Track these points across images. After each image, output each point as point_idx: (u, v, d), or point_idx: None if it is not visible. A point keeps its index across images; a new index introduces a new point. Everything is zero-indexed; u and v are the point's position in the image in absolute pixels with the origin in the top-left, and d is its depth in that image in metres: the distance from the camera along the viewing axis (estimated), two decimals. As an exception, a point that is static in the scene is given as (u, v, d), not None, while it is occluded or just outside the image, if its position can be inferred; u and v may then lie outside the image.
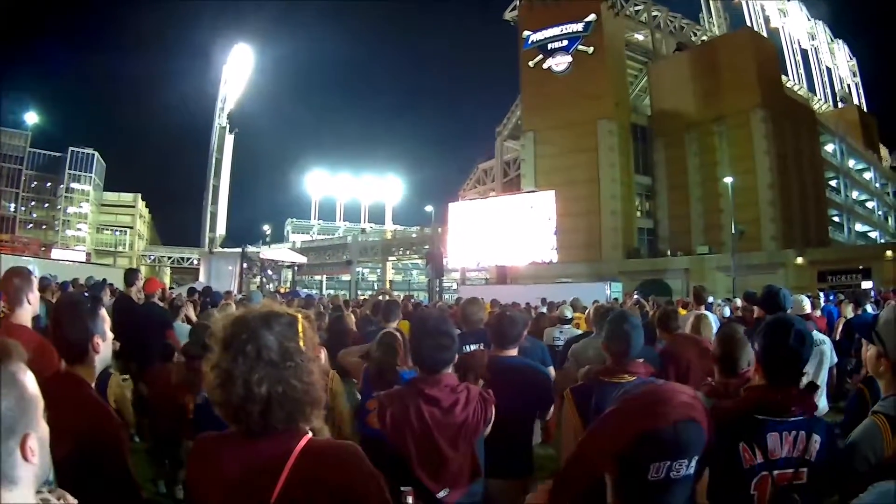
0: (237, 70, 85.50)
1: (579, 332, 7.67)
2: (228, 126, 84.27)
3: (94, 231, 77.65)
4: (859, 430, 2.26)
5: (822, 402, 5.22)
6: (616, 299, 22.45)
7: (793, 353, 2.24)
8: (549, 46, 46.97)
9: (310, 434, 1.69)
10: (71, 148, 76.23)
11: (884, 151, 72.43)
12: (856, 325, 3.27)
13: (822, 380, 5.32)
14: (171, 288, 15.39)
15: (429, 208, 48.92)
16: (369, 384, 3.98)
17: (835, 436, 2.30)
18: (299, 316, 1.76)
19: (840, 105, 78.69)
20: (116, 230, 79.24)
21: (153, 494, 5.59)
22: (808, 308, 5.91)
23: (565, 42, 46.40)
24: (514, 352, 3.95)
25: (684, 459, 1.39)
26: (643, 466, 1.37)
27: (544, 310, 13.28)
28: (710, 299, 18.47)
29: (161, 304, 8.37)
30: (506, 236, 34.49)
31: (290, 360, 1.64)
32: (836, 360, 5.69)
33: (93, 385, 2.41)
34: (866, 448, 2.15)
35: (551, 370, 5.21)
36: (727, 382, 2.96)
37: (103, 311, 2.47)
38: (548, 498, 1.70)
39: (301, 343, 1.70)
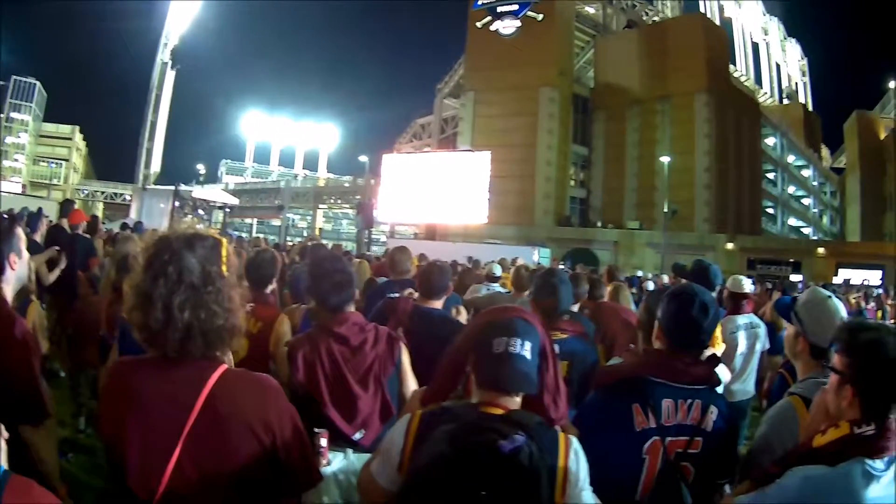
0: (184, 6, 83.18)
1: (505, 290, 7.53)
2: (171, 62, 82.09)
3: (30, 163, 75.47)
4: (775, 410, 2.28)
5: (749, 385, 5.36)
6: (539, 264, 22.14)
7: (695, 322, 2.22)
8: (499, 9, 46.38)
9: (226, 363, 1.69)
10: (13, 77, 73.67)
11: (825, 152, 74.07)
12: (776, 306, 3.49)
13: (753, 364, 5.38)
14: (102, 222, 14.38)
15: (363, 158, 48.12)
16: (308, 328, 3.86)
17: (733, 411, 2.32)
18: (224, 239, 1.75)
19: (785, 101, 79.93)
20: (52, 162, 77.00)
21: (73, 431, 5.53)
22: (747, 288, 5.81)
23: (515, 6, 45.84)
24: (439, 304, 3.97)
25: (517, 339, 1.75)
26: (490, 342, 1.76)
27: (470, 266, 13.07)
28: (640, 273, 19.89)
29: (87, 236, 8.27)
30: (438, 193, 33.74)
31: (210, 285, 1.64)
32: (769, 345, 5.65)
33: (11, 301, 2.40)
34: (783, 429, 2.16)
35: None
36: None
37: (19, 231, 2.45)
38: (430, 390, 2.05)
39: (224, 268, 1.69)
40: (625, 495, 2.10)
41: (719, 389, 2.27)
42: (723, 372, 3.83)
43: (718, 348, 4.35)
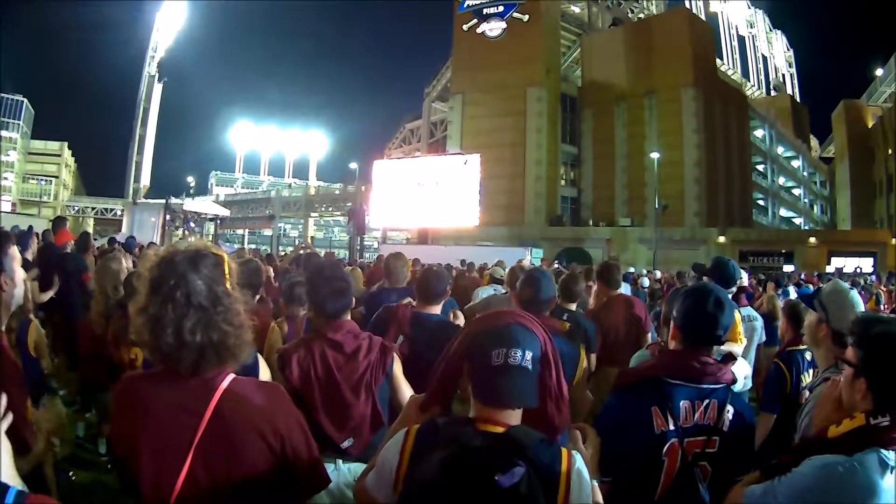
0: (170, 17, 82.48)
1: (503, 291, 7.46)
2: (157, 75, 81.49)
3: (19, 180, 74.04)
4: (819, 391, 2.32)
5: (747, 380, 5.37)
6: (532, 264, 22.20)
7: (711, 318, 2.21)
8: (485, 11, 46.42)
9: (233, 372, 1.71)
10: (1, 94, 72.60)
11: (814, 142, 74.23)
12: (800, 295, 3.56)
13: (750, 357, 5.36)
14: (95, 238, 14.37)
15: (353, 165, 48.36)
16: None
17: (749, 409, 2.31)
18: (225, 255, 1.76)
19: (773, 93, 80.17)
20: (42, 179, 75.40)
21: (72, 446, 5.42)
22: (745, 280, 6.09)
23: (501, 8, 45.90)
24: (437, 309, 3.94)
25: (517, 349, 1.67)
26: (487, 353, 1.67)
27: (464, 269, 13.33)
28: (632, 269, 19.99)
29: (76, 254, 8.19)
30: (430, 197, 33.86)
31: (220, 305, 1.66)
32: (765, 338, 5.72)
33: (4, 325, 2.33)
34: None
35: None
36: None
37: (13, 251, 2.37)
38: (427, 397, 1.96)
39: (228, 285, 1.71)
40: (643, 496, 2.13)
41: (736, 387, 2.28)
42: (740, 369, 3.89)
43: (739, 345, 4.37)
